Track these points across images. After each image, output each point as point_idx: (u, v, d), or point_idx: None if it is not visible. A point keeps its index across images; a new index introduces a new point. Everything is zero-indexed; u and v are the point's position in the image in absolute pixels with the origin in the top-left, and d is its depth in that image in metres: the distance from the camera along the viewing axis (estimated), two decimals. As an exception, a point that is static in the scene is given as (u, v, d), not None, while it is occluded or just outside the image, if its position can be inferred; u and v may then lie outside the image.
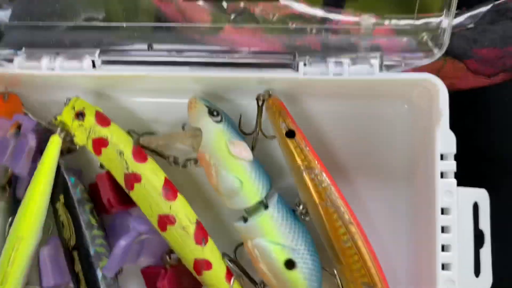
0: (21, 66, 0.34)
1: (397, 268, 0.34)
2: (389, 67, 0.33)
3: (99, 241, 0.33)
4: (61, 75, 0.34)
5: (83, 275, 0.32)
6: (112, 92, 0.36)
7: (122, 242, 0.32)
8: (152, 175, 0.32)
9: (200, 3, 0.34)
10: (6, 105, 0.35)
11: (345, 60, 0.33)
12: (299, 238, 0.32)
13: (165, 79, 0.34)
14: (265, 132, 0.35)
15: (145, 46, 0.34)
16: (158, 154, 0.34)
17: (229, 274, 0.33)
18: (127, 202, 0.33)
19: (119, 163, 0.32)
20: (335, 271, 0.33)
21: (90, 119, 0.33)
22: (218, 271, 0.32)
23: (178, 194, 0.33)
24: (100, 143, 0.32)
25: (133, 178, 0.32)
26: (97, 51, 0.34)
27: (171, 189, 0.32)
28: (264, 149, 0.35)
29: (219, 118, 0.33)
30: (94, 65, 0.34)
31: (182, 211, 0.32)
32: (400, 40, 0.33)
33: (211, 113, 0.33)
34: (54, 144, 0.32)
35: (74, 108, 0.33)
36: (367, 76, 0.32)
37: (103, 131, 0.32)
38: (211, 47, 0.34)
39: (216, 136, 0.32)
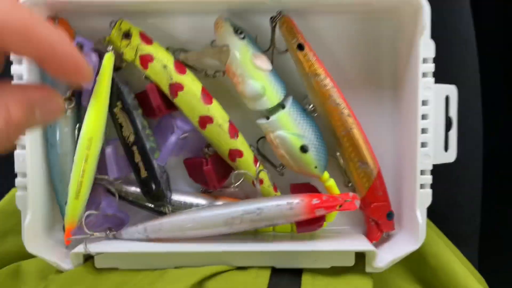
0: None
1: (385, 150, 0.44)
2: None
3: (151, 138, 0.41)
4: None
5: (142, 164, 0.41)
6: (147, 15, 0.42)
7: (173, 138, 0.40)
8: (192, 84, 0.40)
9: None
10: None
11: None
12: (310, 129, 0.40)
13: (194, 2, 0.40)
14: (278, 49, 0.42)
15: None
16: (192, 68, 0.42)
17: (255, 160, 0.42)
18: (170, 107, 0.41)
19: (164, 75, 0.39)
20: (338, 154, 0.43)
21: (136, 38, 0.39)
22: (247, 158, 0.41)
23: (213, 99, 0.41)
24: (146, 59, 0.39)
25: (177, 87, 0.39)
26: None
27: (207, 95, 0.40)
28: (278, 63, 0.42)
29: (242, 35, 0.40)
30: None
31: (218, 112, 0.40)
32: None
33: (236, 31, 0.40)
34: (109, 59, 0.39)
35: (120, 29, 0.39)
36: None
37: (148, 49, 0.39)
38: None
39: (241, 51, 0.39)
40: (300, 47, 0.41)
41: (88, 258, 0.41)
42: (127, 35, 0.39)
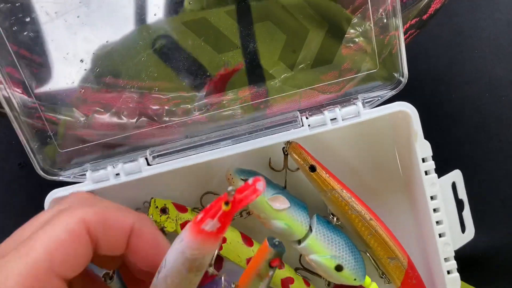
0: (93, 180, 0.41)
1: (411, 239, 0.48)
2: (369, 103, 0.43)
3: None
4: (127, 180, 0.41)
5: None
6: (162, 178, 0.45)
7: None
8: (232, 234, 0.45)
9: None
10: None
11: (336, 108, 0.42)
12: (340, 244, 0.43)
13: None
14: (291, 168, 0.46)
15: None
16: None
17: (306, 282, 0.46)
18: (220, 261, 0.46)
19: (205, 234, 0.44)
20: (367, 254, 0.47)
21: (172, 210, 0.44)
22: (298, 282, 0.46)
23: (253, 240, 0.45)
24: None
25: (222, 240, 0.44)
26: (148, 150, 0.41)
27: (247, 238, 0.45)
28: (293, 179, 0.47)
29: (254, 187, 0.43)
30: (148, 163, 0.41)
31: (260, 251, 0.45)
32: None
33: (246, 184, 0.43)
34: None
35: (157, 207, 0.43)
36: (356, 119, 0.42)
37: (186, 216, 0.44)
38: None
39: (258, 200, 0.42)
40: (312, 168, 0.44)
41: None
42: (163, 210, 0.43)
